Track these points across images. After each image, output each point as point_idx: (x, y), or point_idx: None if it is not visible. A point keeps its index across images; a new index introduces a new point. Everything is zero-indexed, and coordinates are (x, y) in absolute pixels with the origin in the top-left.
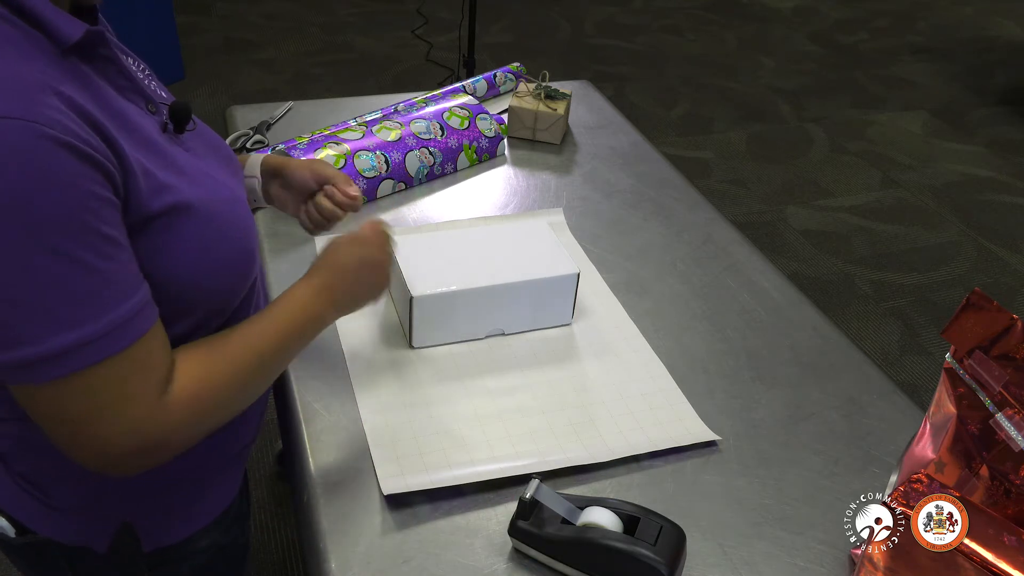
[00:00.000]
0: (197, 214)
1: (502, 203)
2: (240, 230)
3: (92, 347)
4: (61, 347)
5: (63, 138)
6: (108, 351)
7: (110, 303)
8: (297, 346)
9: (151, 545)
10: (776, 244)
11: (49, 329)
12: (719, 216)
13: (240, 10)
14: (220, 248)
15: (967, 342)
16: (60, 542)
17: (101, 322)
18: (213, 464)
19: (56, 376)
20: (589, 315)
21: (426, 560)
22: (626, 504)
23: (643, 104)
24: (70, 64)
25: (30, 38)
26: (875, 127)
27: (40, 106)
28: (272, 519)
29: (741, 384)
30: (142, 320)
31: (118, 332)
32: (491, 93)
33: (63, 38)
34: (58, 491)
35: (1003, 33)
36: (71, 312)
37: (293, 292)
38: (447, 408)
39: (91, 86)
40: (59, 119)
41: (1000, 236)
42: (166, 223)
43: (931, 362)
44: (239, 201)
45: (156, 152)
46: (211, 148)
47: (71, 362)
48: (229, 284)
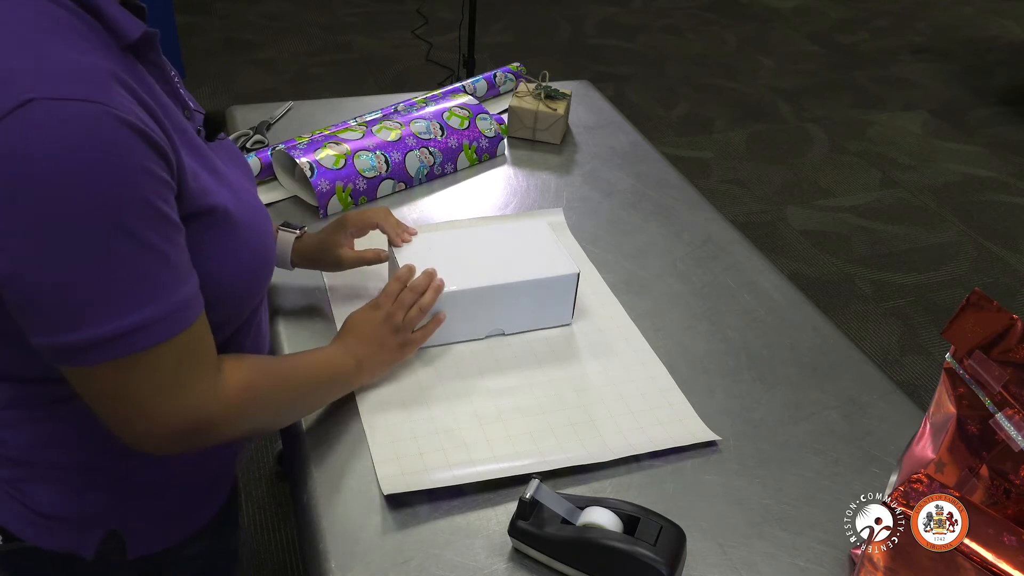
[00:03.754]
0: (229, 218)
1: (502, 203)
2: (263, 238)
3: (156, 328)
4: (126, 328)
5: (136, 124)
6: (170, 332)
7: (172, 285)
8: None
9: (137, 552)
10: (776, 244)
11: (114, 311)
12: (719, 216)
13: (240, 10)
14: (244, 253)
15: (967, 342)
16: (46, 549)
17: (163, 304)
18: (201, 472)
19: (118, 356)
20: (589, 315)
21: (426, 560)
22: (626, 504)
23: (643, 104)
24: (128, 60)
25: (94, 30)
26: (875, 127)
27: (114, 93)
28: (272, 519)
29: (741, 384)
30: (197, 304)
31: (179, 314)
32: (491, 93)
33: (125, 35)
34: (44, 498)
35: (1003, 33)
36: (134, 294)
37: (325, 348)
38: (447, 408)
39: (146, 82)
40: (130, 106)
41: (1000, 236)
42: (204, 223)
43: (931, 362)
44: (263, 212)
45: (200, 154)
46: (233, 159)
47: (134, 343)
48: (247, 289)
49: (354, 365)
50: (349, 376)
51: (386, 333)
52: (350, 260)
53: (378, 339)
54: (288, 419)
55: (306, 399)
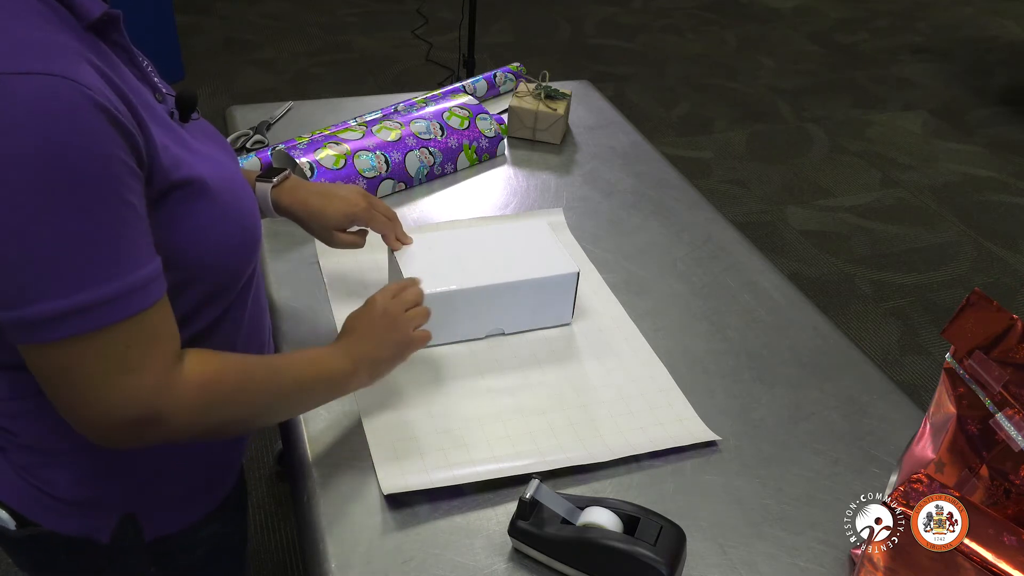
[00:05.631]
0: (207, 189)
1: (502, 203)
2: (244, 208)
3: (106, 308)
4: (76, 305)
5: (101, 101)
6: (121, 314)
7: (126, 267)
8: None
9: (153, 535)
10: (776, 244)
11: (67, 286)
12: (719, 216)
13: (240, 10)
14: (225, 224)
15: (967, 342)
16: (61, 534)
17: (116, 284)
18: (213, 451)
19: (68, 335)
20: (589, 315)
21: (426, 560)
22: (626, 504)
23: (643, 104)
24: (92, 40)
25: (57, 12)
26: (875, 127)
27: (77, 68)
28: (272, 519)
29: (741, 384)
30: (156, 288)
31: (132, 296)
32: (491, 93)
33: (85, 13)
34: (60, 481)
35: (1003, 33)
36: (90, 271)
37: (319, 347)
38: (447, 408)
39: (111, 62)
40: (95, 83)
41: (1000, 236)
42: (181, 196)
43: (931, 362)
44: (243, 183)
45: (171, 131)
46: (209, 136)
47: (84, 322)
48: (233, 261)
49: (349, 366)
50: (343, 377)
51: (383, 329)
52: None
53: (375, 335)
54: (265, 420)
55: (287, 401)
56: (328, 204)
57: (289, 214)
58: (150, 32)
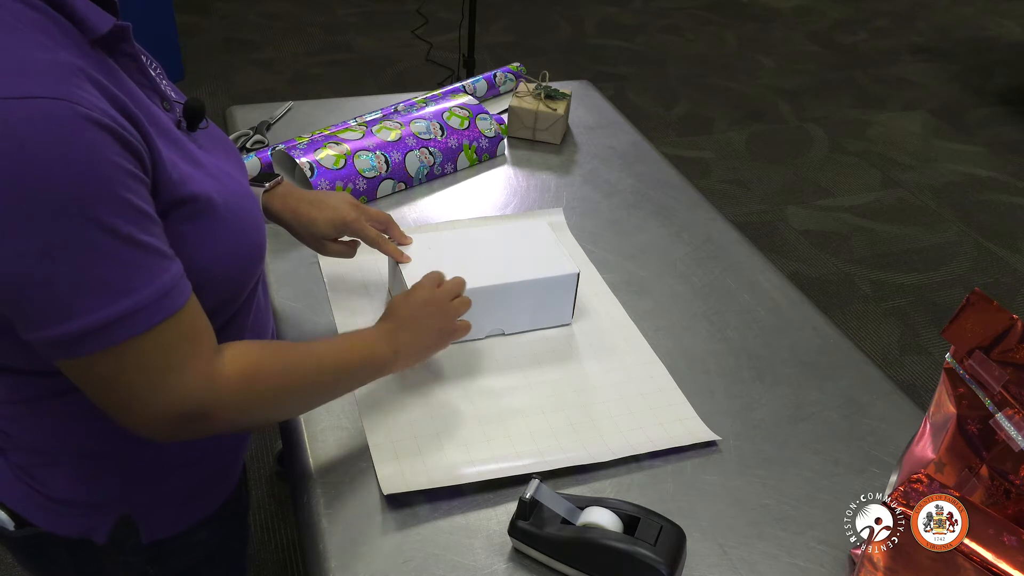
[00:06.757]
0: (214, 205)
1: (502, 203)
2: (251, 223)
3: (144, 313)
4: (114, 315)
5: (101, 119)
6: (157, 318)
7: (155, 271)
8: (352, 375)
9: (150, 537)
10: (776, 244)
11: (102, 299)
12: (719, 216)
13: (240, 10)
14: (232, 239)
15: (967, 342)
16: (59, 534)
17: (149, 289)
18: (212, 456)
19: (106, 346)
20: (589, 315)
21: (426, 560)
22: (626, 504)
23: (643, 104)
24: (98, 55)
25: (60, 27)
26: (875, 127)
27: (78, 88)
28: (272, 519)
29: (741, 384)
30: (185, 286)
31: (166, 298)
32: (491, 93)
33: (92, 29)
34: (57, 483)
35: (1003, 33)
36: (121, 281)
37: (361, 331)
38: (447, 408)
39: (117, 77)
40: (95, 102)
41: (1000, 236)
42: (187, 212)
43: (931, 362)
44: (250, 196)
45: (179, 145)
46: (219, 144)
47: (125, 330)
48: (238, 275)
49: (390, 353)
50: (384, 363)
51: (426, 316)
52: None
53: (417, 323)
54: (307, 406)
55: (329, 387)
56: (318, 213)
57: (279, 221)
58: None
